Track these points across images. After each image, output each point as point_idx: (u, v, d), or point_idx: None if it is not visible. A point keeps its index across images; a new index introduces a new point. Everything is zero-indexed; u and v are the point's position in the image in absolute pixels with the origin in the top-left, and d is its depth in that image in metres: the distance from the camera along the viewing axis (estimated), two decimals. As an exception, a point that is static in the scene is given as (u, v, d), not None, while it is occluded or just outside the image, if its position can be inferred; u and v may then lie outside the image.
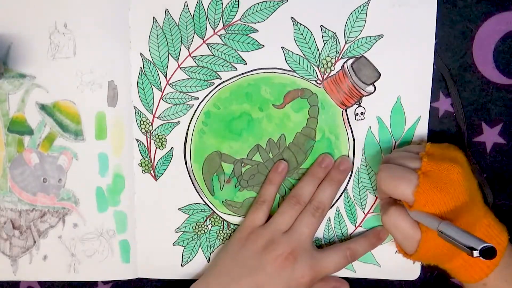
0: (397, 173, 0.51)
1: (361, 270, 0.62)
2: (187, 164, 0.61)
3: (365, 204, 0.61)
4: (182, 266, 0.64)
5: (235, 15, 0.58)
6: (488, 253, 0.42)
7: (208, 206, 0.62)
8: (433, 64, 0.57)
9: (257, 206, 0.60)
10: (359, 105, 0.59)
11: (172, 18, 0.58)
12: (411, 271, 0.62)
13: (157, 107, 0.60)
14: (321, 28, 0.57)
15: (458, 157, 0.52)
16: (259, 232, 0.58)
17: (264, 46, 0.59)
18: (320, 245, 0.62)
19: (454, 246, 0.45)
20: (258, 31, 0.58)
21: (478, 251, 0.42)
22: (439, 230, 0.46)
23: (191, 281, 0.59)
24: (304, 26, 0.58)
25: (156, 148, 0.61)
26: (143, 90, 0.60)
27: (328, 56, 0.58)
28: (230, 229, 0.63)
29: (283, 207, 0.59)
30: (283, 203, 0.59)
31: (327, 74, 0.58)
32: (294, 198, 0.59)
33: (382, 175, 0.52)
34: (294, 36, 0.58)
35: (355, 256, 0.59)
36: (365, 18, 0.57)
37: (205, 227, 0.63)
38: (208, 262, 0.63)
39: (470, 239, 0.43)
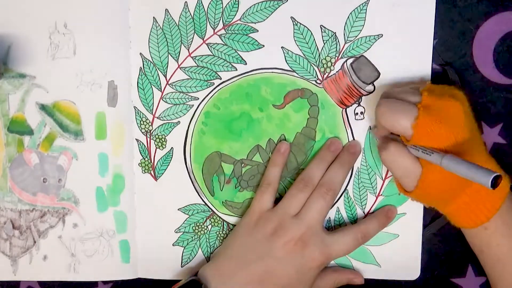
0: (396, 106, 0.50)
1: (361, 270, 0.62)
2: (187, 164, 0.61)
3: (365, 204, 0.61)
4: (182, 266, 0.63)
5: (235, 15, 0.58)
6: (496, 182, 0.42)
7: (208, 206, 0.62)
8: (432, 63, 0.57)
9: (262, 189, 0.59)
10: (359, 105, 0.59)
11: (172, 18, 0.59)
12: (411, 271, 0.61)
13: (157, 107, 0.60)
14: (321, 28, 0.58)
15: (459, 95, 0.51)
16: (268, 217, 0.58)
17: (264, 46, 0.59)
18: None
19: (455, 184, 0.44)
20: (258, 31, 0.58)
21: (490, 179, 0.42)
22: (444, 163, 0.45)
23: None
24: (304, 26, 0.58)
25: (156, 148, 0.61)
26: (143, 90, 0.60)
27: (328, 56, 0.58)
28: (230, 229, 0.62)
29: (292, 191, 0.58)
30: (291, 186, 0.59)
31: (327, 74, 0.58)
32: (303, 181, 0.58)
33: (381, 109, 0.51)
34: (294, 36, 0.58)
35: (366, 238, 0.58)
36: (365, 17, 0.57)
37: (205, 227, 0.63)
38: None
39: (479, 170, 0.43)
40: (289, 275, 0.55)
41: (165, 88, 0.60)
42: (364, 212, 0.61)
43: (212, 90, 0.60)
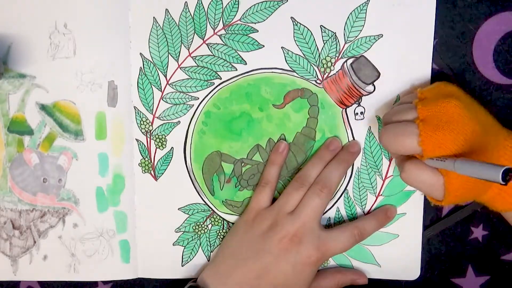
0: (397, 131, 0.49)
1: (361, 270, 0.62)
2: (187, 164, 0.61)
3: (365, 204, 0.61)
4: (182, 265, 0.64)
5: (235, 15, 0.58)
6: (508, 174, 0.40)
7: (208, 206, 0.62)
8: (432, 63, 0.57)
9: (260, 188, 0.60)
10: (359, 105, 0.59)
11: (172, 18, 0.59)
12: (411, 271, 0.62)
13: (157, 107, 0.60)
14: (321, 28, 0.58)
15: (452, 91, 0.51)
16: (264, 215, 0.58)
17: (264, 46, 0.59)
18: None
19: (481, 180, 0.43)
20: (258, 31, 0.58)
21: (501, 177, 0.40)
22: (456, 168, 0.44)
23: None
24: (304, 26, 0.58)
25: (156, 148, 0.61)
26: (143, 90, 0.60)
27: (328, 56, 0.58)
28: (230, 228, 0.62)
29: (288, 189, 0.58)
30: (288, 185, 0.59)
31: (327, 74, 0.58)
32: (299, 179, 0.58)
33: (384, 138, 0.50)
34: (294, 36, 0.58)
35: (363, 235, 0.58)
36: (365, 18, 0.57)
37: (205, 227, 0.63)
38: (208, 261, 0.63)
39: (487, 168, 0.41)
40: (285, 271, 0.56)
41: (165, 88, 0.60)
42: (364, 212, 0.61)
43: (212, 90, 0.60)
